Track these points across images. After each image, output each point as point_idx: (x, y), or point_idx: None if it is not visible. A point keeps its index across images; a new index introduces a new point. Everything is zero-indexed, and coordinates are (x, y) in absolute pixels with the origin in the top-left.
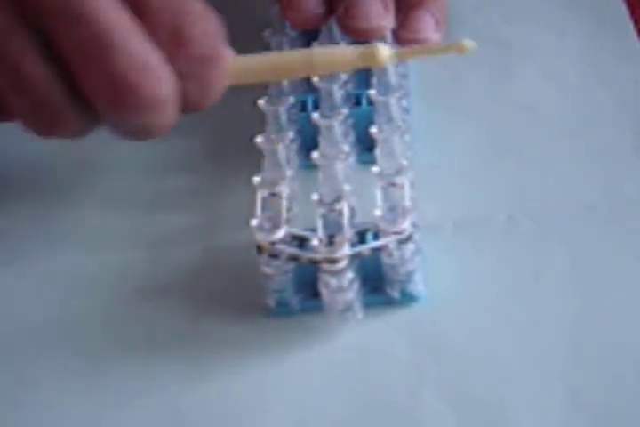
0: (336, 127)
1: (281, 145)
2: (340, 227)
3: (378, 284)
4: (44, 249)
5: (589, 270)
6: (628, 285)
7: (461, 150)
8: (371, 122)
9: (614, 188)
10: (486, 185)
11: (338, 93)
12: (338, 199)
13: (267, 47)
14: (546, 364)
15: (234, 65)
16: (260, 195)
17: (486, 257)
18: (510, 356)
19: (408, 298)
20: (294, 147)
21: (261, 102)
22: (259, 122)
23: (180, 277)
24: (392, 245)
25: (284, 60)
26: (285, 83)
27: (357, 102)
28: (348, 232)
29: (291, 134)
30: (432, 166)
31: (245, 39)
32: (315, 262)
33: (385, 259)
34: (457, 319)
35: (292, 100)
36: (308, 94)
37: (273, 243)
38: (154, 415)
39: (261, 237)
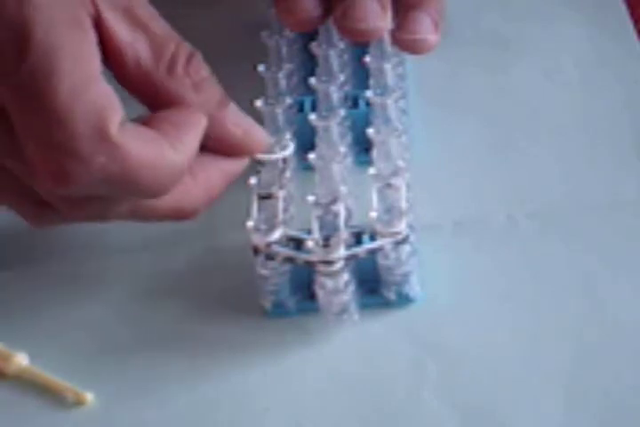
0: (333, 128)
1: (277, 145)
2: (335, 228)
3: (374, 285)
4: (44, 250)
5: (589, 270)
6: (628, 284)
7: (461, 150)
8: (368, 123)
9: (614, 188)
10: (486, 185)
11: (335, 94)
12: (334, 201)
13: (265, 48)
14: (545, 364)
15: None
16: (256, 196)
17: (486, 257)
18: (509, 357)
19: (404, 300)
20: None
21: (259, 103)
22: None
23: (177, 278)
24: (388, 247)
25: None
26: (283, 83)
27: (355, 103)
28: (344, 234)
29: (288, 135)
30: (431, 166)
31: (245, 39)
32: (310, 264)
33: (381, 260)
34: (455, 320)
35: (289, 100)
36: (306, 95)
37: (269, 244)
38: (151, 415)
39: (257, 239)
